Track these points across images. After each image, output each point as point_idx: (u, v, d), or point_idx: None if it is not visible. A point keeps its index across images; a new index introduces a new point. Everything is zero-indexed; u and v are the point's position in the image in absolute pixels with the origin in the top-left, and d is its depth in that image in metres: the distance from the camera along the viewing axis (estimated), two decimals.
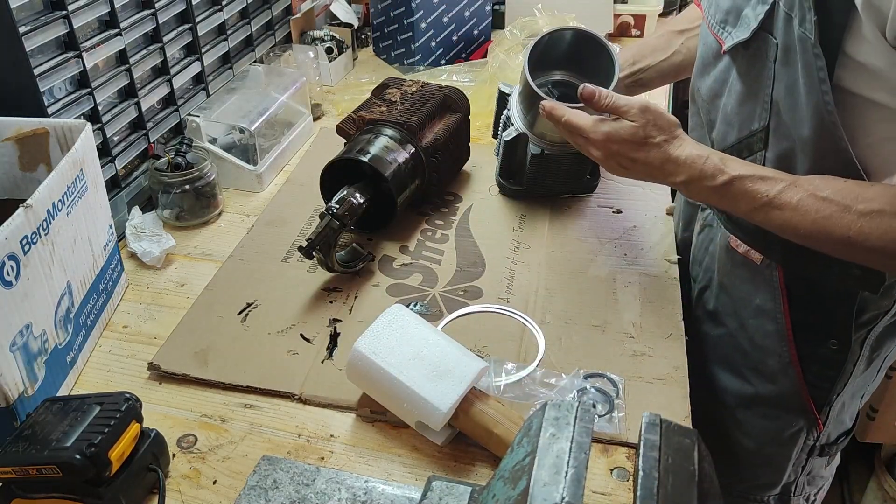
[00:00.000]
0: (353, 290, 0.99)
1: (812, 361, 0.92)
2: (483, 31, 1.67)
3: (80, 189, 0.85)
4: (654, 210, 1.14)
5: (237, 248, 1.08)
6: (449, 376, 0.75)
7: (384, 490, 0.71)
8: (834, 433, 1.01)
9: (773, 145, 0.83)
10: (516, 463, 0.56)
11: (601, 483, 0.74)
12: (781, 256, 0.89)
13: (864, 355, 0.92)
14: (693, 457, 0.54)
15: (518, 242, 1.08)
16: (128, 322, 0.96)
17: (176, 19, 1.21)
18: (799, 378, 0.93)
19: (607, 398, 0.81)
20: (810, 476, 1.05)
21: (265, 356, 0.89)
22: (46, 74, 0.94)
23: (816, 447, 1.00)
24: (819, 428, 0.97)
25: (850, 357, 0.91)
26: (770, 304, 0.92)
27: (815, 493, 1.08)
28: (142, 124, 1.15)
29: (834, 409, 0.96)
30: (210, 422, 0.81)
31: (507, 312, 0.95)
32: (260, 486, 0.72)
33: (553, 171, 1.10)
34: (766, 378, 0.96)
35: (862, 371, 0.94)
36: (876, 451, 1.73)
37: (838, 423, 1.00)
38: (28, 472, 0.66)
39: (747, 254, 0.93)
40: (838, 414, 0.98)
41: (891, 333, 0.93)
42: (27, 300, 0.76)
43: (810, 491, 1.07)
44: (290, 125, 1.33)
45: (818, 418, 0.96)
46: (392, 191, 1.04)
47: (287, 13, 1.58)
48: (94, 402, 0.70)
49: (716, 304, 1.01)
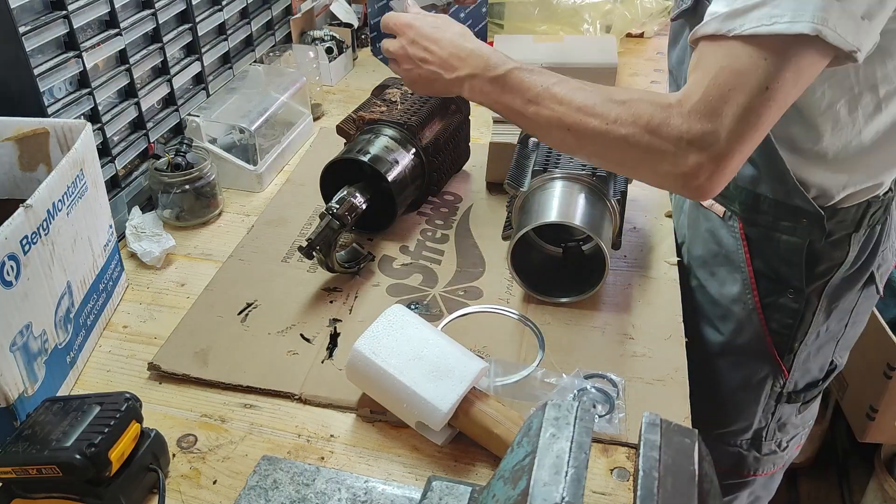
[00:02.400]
0: (353, 290, 0.99)
1: (774, 310, 0.99)
2: (479, 34, 1.67)
3: (80, 189, 0.85)
4: (654, 212, 1.14)
5: (237, 248, 1.08)
6: (449, 376, 0.75)
7: (384, 490, 0.71)
8: (801, 381, 1.06)
9: None
10: (516, 463, 0.56)
11: (601, 483, 0.74)
12: (739, 207, 0.97)
13: (822, 306, 0.98)
14: (693, 457, 0.54)
15: None
16: (128, 322, 0.96)
17: (176, 19, 1.21)
18: (763, 326, 1.00)
19: (607, 398, 0.81)
20: (780, 423, 1.10)
21: (265, 356, 0.89)
22: (46, 74, 0.94)
23: (784, 394, 1.06)
24: (785, 375, 1.03)
25: (808, 307, 0.98)
26: (735, 254, 1.00)
27: (787, 440, 1.14)
28: (142, 124, 1.15)
29: (798, 358, 1.02)
30: (210, 422, 0.81)
31: (507, 312, 0.95)
32: (260, 486, 0.72)
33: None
34: (734, 326, 1.03)
35: (822, 321, 1.00)
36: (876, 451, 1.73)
37: (804, 372, 1.05)
38: (28, 472, 0.66)
39: (711, 207, 1.02)
40: (804, 363, 1.03)
41: (849, 285, 0.98)
42: (27, 300, 0.76)
43: (782, 437, 1.12)
44: (290, 125, 1.33)
45: (782, 366, 1.03)
46: (392, 191, 1.04)
47: (287, 13, 1.58)
48: (94, 402, 0.70)
49: (688, 258, 1.08)
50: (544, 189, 0.98)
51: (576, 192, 0.97)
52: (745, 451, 1.11)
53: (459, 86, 0.91)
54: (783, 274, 0.97)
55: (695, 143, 0.71)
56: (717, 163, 0.71)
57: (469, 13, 1.63)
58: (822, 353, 1.05)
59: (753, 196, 0.95)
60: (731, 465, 1.13)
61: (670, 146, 0.72)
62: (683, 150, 0.71)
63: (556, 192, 0.97)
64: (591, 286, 0.95)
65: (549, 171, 0.99)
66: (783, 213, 0.93)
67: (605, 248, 0.91)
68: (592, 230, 0.91)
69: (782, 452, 1.14)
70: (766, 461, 1.13)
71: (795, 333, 1.00)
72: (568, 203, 0.96)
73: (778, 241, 0.96)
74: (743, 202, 0.96)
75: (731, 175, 0.74)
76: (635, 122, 0.74)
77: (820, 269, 0.95)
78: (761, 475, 1.15)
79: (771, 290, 0.99)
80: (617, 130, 0.75)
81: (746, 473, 1.14)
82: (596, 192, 0.97)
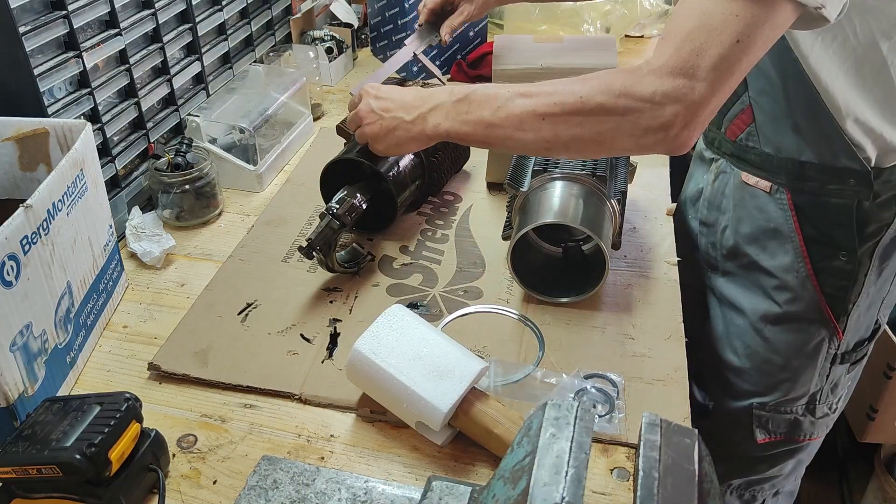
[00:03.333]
0: (353, 290, 0.99)
1: (827, 274, 1.02)
2: (479, 33, 1.67)
3: (80, 189, 0.85)
4: (654, 212, 1.14)
5: (237, 248, 1.08)
6: (449, 376, 0.75)
7: (384, 490, 0.71)
8: (852, 341, 1.09)
9: (751, 85, 0.97)
10: (516, 463, 0.56)
11: (601, 483, 0.74)
12: (786, 178, 1.00)
13: (875, 265, 1.01)
14: (693, 457, 0.54)
15: None
16: (128, 322, 0.96)
17: (176, 19, 1.21)
18: (817, 291, 1.03)
19: (607, 398, 0.81)
20: (833, 384, 1.13)
21: (265, 356, 0.89)
22: (46, 74, 0.94)
23: (838, 356, 1.09)
24: (839, 336, 1.06)
25: (860, 269, 1.00)
26: (784, 225, 1.02)
27: (836, 401, 1.16)
28: (142, 124, 1.15)
29: (851, 318, 1.05)
30: (210, 422, 0.81)
31: (507, 312, 0.95)
32: (260, 486, 0.72)
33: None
34: (790, 295, 1.05)
35: (874, 281, 1.03)
36: (876, 451, 1.73)
37: (855, 332, 1.09)
38: (28, 471, 0.66)
39: (757, 185, 1.04)
40: (855, 323, 1.06)
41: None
42: (27, 300, 0.76)
43: (833, 399, 1.15)
44: (290, 125, 1.33)
45: (837, 328, 1.05)
46: (392, 191, 1.04)
47: (287, 13, 1.58)
48: (94, 402, 0.70)
49: (736, 238, 1.10)
50: (544, 189, 0.98)
51: (576, 192, 0.97)
52: (801, 416, 1.13)
53: (422, 122, 0.90)
54: (835, 237, 0.99)
55: (669, 95, 0.74)
56: (693, 111, 0.74)
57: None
58: (870, 312, 1.08)
59: (799, 165, 0.97)
60: (786, 432, 1.15)
61: (646, 104, 0.75)
62: (659, 104, 0.74)
63: (556, 192, 0.97)
64: (591, 286, 0.95)
65: (548, 171, 0.99)
66: (830, 176, 0.96)
67: (605, 248, 0.91)
68: (592, 230, 0.91)
69: (833, 414, 1.16)
70: (820, 424, 1.15)
71: (849, 295, 1.03)
72: (568, 203, 0.96)
73: (827, 204, 0.98)
74: (789, 172, 0.99)
75: (705, 124, 0.77)
76: (608, 89, 0.77)
77: (870, 229, 0.98)
78: (815, 439, 1.17)
79: (824, 254, 1.01)
80: (592, 101, 0.77)
81: (801, 439, 1.16)
82: (596, 192, 0.97)
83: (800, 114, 0.94)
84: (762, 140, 1.00)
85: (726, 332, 1.14)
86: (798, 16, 0.73)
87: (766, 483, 1.23)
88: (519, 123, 0.82)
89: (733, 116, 1.02)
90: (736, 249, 1.10)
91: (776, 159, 0.99)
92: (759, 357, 1.10)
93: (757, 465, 1.20)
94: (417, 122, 0.91)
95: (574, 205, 0.96)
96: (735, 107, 1.01)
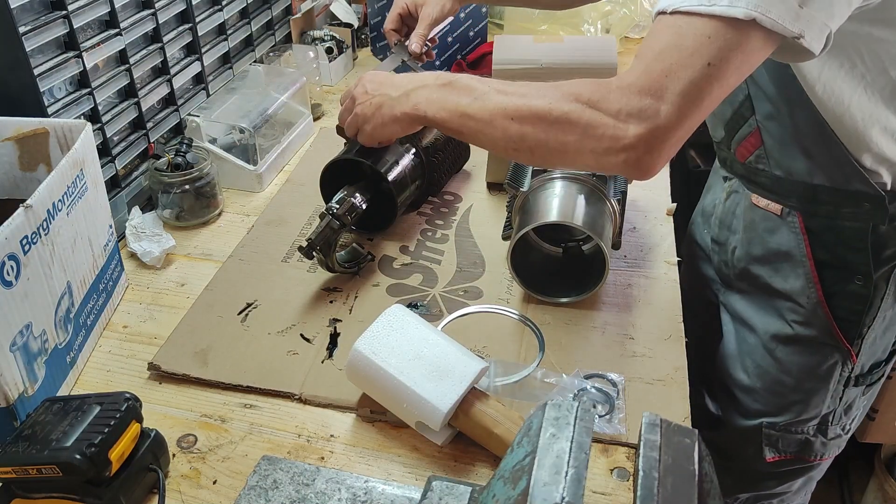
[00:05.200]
0: (353, 290, 0.99)
1: (841, 298, 0.99)
2: (479, 33, 1.67)
3: (80, 189, 0.85)
4: (654, 212, 1.14)
5: (237, 248, 1.08)
6: (449, 376, 0.75)
7: (384, 490, 0.71)
8: (867, 364, 1.07)
9: (758, 109, 0.95)
10: (516, 463, 0.56)
11: (601, 483, 0.74)
12: (797, 202, 0.98)
13: (891, 290, 0.98)
14: (693, 457, 0.54)
15: None
16: (128, 322, 0.96)
17: (176, 19, 1.21)
18: (827, 316, 1.00)
19: (607, 398, 0.81)
20: (847, 406, 1.11)
21: (265, 356, 0.89)
22: (46, 74, 0.94)
23: (852, 378, 1.06)
24: (853, 360, 1.03)
25: (876, 293, 0.98)
26: (795, 249, 1.00)
27: (850, 422, 1.14)
28: (142, 124, 1.15)
29: (866, 342, 1.02)
30: (210, 422, 0.81)
31: (507, 312, 0.95)
32: (260, 486, 0.72)
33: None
34: (801, 318, 1.03)
35: (891, 305, 1.00)
36: (876, 451, 1.73)
37: (871, 355, 1.06)
38: (28, 472, 0.66)
39: (768, 207, 1.02)
40: (870, 346, 1.04)
41: None
42: (27, 300, 0.76)
43: (846, 421, 1.13)
44: (290, 125, 1.33)
45: (851, 351, 1.02)
46: (392, 191, 1.04)
47: (287, 13, 1.58)
48: (94, 402, 0.70)
49: (747, 259, 1.08)
50: (544, 189, 0.98)
51: (576, 192, 0.97)
52: (812, 436, 1.11)
53: (405, 100, 0.91)
54: (850, 261, 0.97)
55: (634, 116, 0.72)
56: (657, 136, 0.72)
57: (469, 13, 1.62)
58: (888, 334, 1.05)
59: (811, 188, 0.95)
60: (796, 451, 1.13)
61: (610, 119, 0.73)
62: (623, 123, 0.72)
63: (556, 192, 0.97)
64: (591, 286, 0.95)
65: (548, 170, 0.99)
66: (843, 199, 0.94)
67: (605, 248, 0.91)
68: (592, 230, 0.91)
69: (846, 435, 1.15)
70: (831, 445, 1.13)
71: (864, 319, 1.00)
72: (568, 203, 0.96)
73: (840, 228, 0.96)
74: (801, 196, 0.97)
75: (672, 152, 0.74)
76: (577, 98, 0.75)
77: (886, 253, 0.96)
78: (826, 459, 1.15)
79: (837, 278, 0.99)
80: (559, 108, 0.76)
81: (812, 459, 1.14)
82: (596, 192, 0.97)
83: (810, 140, 0.92)
84: (772, 163, 0.97)
85: (738, 350, 1.12)
86: (777, 46, 0.70)
87: (774, 499, 1.22)
88: (490, 119, 0.82)
89: (742, 138, 1.00)
90: (747, 271, 1.08)
91: (787, 182, 0.97)
92: (770, 377, 1.08)
93: (766, 481, 1.18)
94: (401, 99, 0.91)
95: (574, 205, 0.96)
96: (743, 129, 0.99)
